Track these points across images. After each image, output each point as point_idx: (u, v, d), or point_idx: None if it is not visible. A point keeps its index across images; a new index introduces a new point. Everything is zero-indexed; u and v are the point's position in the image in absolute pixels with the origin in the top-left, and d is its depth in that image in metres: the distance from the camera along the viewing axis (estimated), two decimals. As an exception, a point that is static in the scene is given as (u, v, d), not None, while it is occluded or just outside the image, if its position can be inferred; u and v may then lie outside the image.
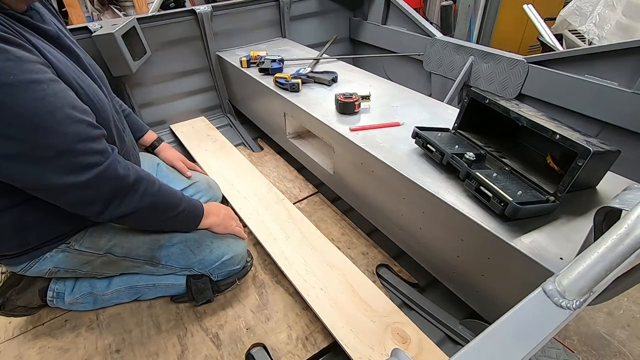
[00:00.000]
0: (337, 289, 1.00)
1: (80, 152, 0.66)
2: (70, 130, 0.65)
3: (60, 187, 0.67)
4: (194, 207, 0.94)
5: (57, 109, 0.63)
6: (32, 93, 0.60)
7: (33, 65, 0.61)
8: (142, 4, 3.54)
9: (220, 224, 1.00)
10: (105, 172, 0.70)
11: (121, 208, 0.75)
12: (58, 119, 0.63)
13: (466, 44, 1.65)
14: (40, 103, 0.61)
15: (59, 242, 0.87)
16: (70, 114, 0.65)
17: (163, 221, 0.88)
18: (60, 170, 0.65)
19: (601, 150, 0.73)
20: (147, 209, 0.80)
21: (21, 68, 0.59)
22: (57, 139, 0.63)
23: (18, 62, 0.59)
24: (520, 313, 0.39)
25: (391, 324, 0.91)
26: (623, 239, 0.40)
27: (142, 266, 0.98)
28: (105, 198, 0.72)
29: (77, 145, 0.66)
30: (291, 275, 1.05)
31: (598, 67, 1.28)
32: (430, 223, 0.94)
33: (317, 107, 1.28)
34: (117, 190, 0.73)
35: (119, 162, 0.74)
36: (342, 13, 2.23)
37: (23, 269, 0.87)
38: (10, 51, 0.58)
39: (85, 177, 0.68)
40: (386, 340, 0.88)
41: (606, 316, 1.22)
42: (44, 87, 0.62)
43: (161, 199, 0.83)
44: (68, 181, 0.66)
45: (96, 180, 0.69)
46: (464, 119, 1.02)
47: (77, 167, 0.67)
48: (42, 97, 0.61)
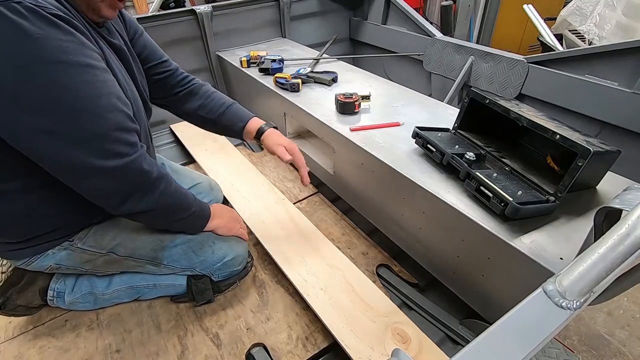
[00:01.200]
0: (337, 289, 1.00)
1: (114, 139, 0.68)
2: (109, 117, 0.67)
3: (86, 170, 0.68)
4: (203, 209, 0.94)
5: (103, 95, 0.66)
6: (85, 75, 0.63)
7: (92, 52, 0.66)
8: (142, 4, 3.55)
9: (224, 226, 1.01)
10: (132, 164, 0.71)
11: (139, 205, 0.76)
12: (102, 104, 0.66)
13: (466, 44, 1.65)
14: (90, 86, 0.64)
15: (63, 239, 0.87)
16: (114, 102, 0.68)
17: (174, 222, 0.90)
18: (90, 153, 0.67)
19: (601, 150, 0.73)
20: (162, 208, 0.82)
21: (81, 51, 0.63)
22: (96, 123, 0.66)
23: (80, 46, 0.63)
24: (521, 313, 0.39)
25: (391, 324, 0.91)
26: (623, 240, 0.40)
27: (144, 266, 0.98)
28: (126, 191, 0.73)
29: (112, 132, 0.68)
30: (291, 275, 1.05)
31: (598, 67, 1.28)
32: (430, 223, 0.94)
33: (317, 107, 1.28)
34: (138, 185, 0.74)
35: (145, 157, 0.75)
36: (342, 13, 2.23)
37: (25, 263, 0.87)
38: (76, 35, 0.63)
39: (113, 164, 0.69)
40: (386, 340, 0.88)
41: (606, 316, 1.22)
42: (97, 73, 0.65)
43: (176, 200, 0.84)
44: (95, 164, 0.67)
45: (122, 170, 0.70)
46: (464, 119, 1.02)
47: (107, 153, 0.68)
48: (93, 81, 0.64)
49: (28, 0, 0.57)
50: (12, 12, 0.55)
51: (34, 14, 0.57)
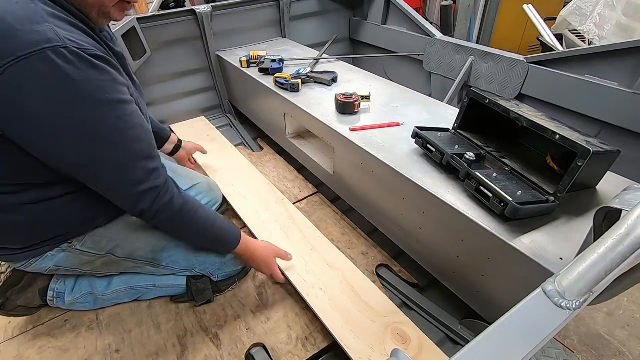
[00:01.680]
0: (337, 289, 1.00)
1: (140, 167, 0.74)
2: (135, 147, 0.73)
3: (119, 194, 0.76)
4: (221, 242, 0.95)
5: (131, 127, 0.71)
6: (117, 111, 0.68)
7: (122, 87, 0.71)
8: (142, 4, 3.55)
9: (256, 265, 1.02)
10: (154, 192, 0.76)
11: (160, 218, 0.81)
12: (129, 136, 0.71)
13: (466, 44, 1.65)
14: (121, 121, 0.69)
15: (62, 242, 0.87)
16: (139, 133, 0.74)
17: (194, 242, 0.97)
18: (120, 181, 0.73)
19: (601, 150, 0.73)
20: (179, 232, 0.90)
21: (115, 88, 0.68)
22: (123, 154, 0.71)
23: (114, 83, 0.68)
24: (520, 313, 0.39)
25: (391, 324, 0.91)
26: (623, 240, 0.40)
27: (144, 267, 0.98)
28: (149, 210, 0.77)
29: (138, 161, 0.73)
30: (291, 275, 1.05)
31: (598, 67, 1.28)
32: (430, 223, 0.94)
33: (317, 107, 1.28)
34: (162, 207, 0.78)
35: (169, 186, 0.80)
36: (342, 13, 2.23)
37: (24, 265, 0.87)
38: (111, 73, 0.68)
39: (141, 188, 0.74)
40: (386, 340, 0.88)
41: (606, 316, 1.22)
42: (126, 107, 0.71)
43: (195, 226, 0.87)
44: (125, 190, 0.74)
45: (146, 195, 0.75)
46: (464, 119, 1.02)
47: (135, 179, 0.73)
48: (123, 116, 0.70)
49: (72, 45, 0.61)
50: (58, 56, 0.59)
51: (78, 58, 0.61)
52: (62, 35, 0.60)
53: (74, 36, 0.63)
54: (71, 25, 0.65)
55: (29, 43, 0.58)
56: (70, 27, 0.65)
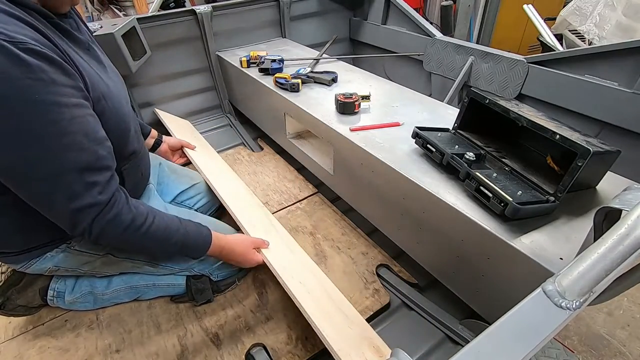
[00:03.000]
0: (316, 290, 0.96)
1: (76, 179, 0.66)
2: (71, 156, 0.65)
3: (51, 207, 0.68)
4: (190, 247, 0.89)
5: (67, 133, 0.64)
6: (49, 115, 0.61)
7: (62, 88, 0.63)
8: (142, 4, 3.55)
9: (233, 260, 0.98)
10: (94, 209, 0.69)
11: (110, 242, 0.76)
12: (63, 143, 0.64)
13: (466, 44, 1.65)
14: (53, 126, 0.62)
15: (61, 242, 0.87)
16: (78, 140, 0.66)
17: (157, 254, 0.95)
18: (53, 191, 0.66)
19: (601, 150, 0.73)
20: (136, 248, 0.85)
21: (48, 89, 0.60)
22: (56, 162, 0.64)
23: (48, 83, 0.60)
24: (520, 313, 0.39)
25: (367, 337, 0.86)
26: (623, 240, 0.40)
27: (142, 266, 0.98)
28: (89, 230, 0.71)
29: (73, 172, 0.66)
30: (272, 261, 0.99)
31: (598, 67, 1.28)
32: (430, 223, 0.94)
33: (317, 107, 1.28)
34: (106, 228, 0.72)
35: (117, 200, 0.73)
36: (342, 13, 2.23)
37: (23, 266, 0.87)
38: (47, 72, 0.60)
39: (76, 205, 0.67)
40: (363, 348, 0.83)
41: (606, 316, 1.22)
42: (63, 111, 0.63)
43: (153, 242, 0.81)
44: (58, 203, 0.67)
45: (84, 212, 0.68)
46: (464, 119, 1.02)
47: (71, 193, 0.66)
48: (57, 120, 0.62)
49: (1, 37, 0.55)
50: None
51: (3, 52, 0.55)
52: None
53: (8, 27, 0.58)
54: (9, 16, 0.60)
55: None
56: (7, 17, 0.60)
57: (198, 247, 0.89)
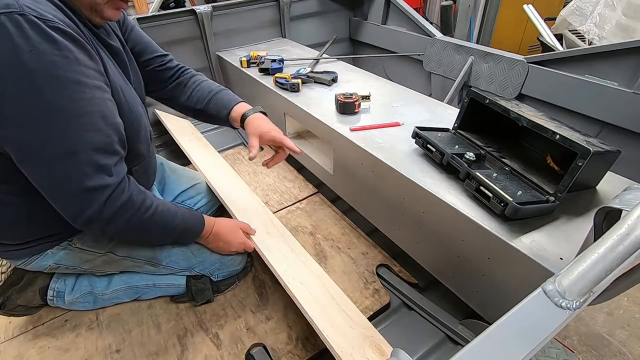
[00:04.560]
0: (317, 291, 0.95)
1: (89, 160, 0.66)
2: (87, 136, 0.66)
3: (58, 186, 0.67)
4: (188, 233, 0.93)
5: (85, 113, 0.65)
6: (71, 92, 0.62)
7: (85, 69, 0.64)
8: (142, 4, 3.55)
9: (222, 247, 1.00)
10: (106, 189, 0.69)
11: (108, 229, 0.74)
12: (80, 122, 0.65)
13: (466, 44, 1.65)
14: (73, 103, 0.63)
15: (62, 239, 0.87)
16: (96, 121, 0.67)
17: (160, 240, 0.93)
18: (64, 170, 0.66)
19: (601, 150, 0.73)
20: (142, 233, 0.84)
21: (72, 67, 0.62)
22: (71, 140, 0.64)
23: (73, 62, 0.62)
24: (520, 313, 0.39)
25: (369, 336, 0.86)
26: (623, 240, 0.40)
27: (143, 266, 0.98)
28: (99, 215, 0.70)
29: (87, 152, 0.66)
30: (273, 264, 1.00)
31: (598, 67, 1.28)
32: (430, 223, 0.94)
33: (317, 107, 1.28)
34: (117, 209, 0.72)
35: (124, 186, 0.73)
36: (342, 13, 2.23)
37: (24, 263, 0.87)
38: (72, 50, 0.62)
39: (88, 184, 0.67)
40: (365, 348, 0.83)
41: (606, 316, 1.22)
42: (84, 90, 0.64)
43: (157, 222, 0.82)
44: (68, 182, 0.66)
45: (93, 195, 0.68)
46: (464, 119, 1.02)
47: (81, 173, 0.66)
48: (78, 98, 0.63)
49: (31, 13, 0.57)
50: (12, 23, 0.56)
51: (33, 27, 0.57)
52: (21, 2, 0.57)
53: (39, 6, 0.59)
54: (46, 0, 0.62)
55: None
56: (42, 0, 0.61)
57: (195, 229, 0.92)
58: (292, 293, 0.91)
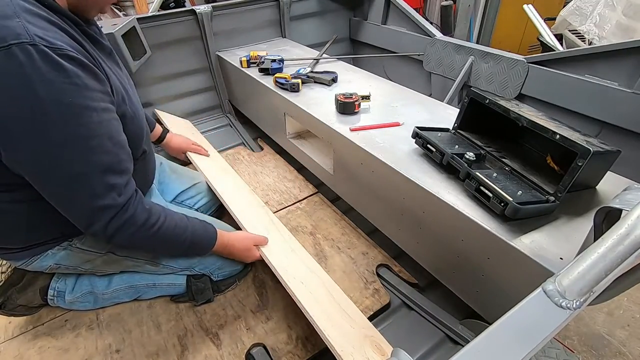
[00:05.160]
0: (317, 291, 0.96)
1: (99, 181, 0.69)
2: (96, 158, 0.68)
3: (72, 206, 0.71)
4: (200, 245, 0.94)
5: (94, 136, 0.67)
6: (80, 117, 0.65)
7: (93, 93, 0.67)
8: (142, 4, 3.55)
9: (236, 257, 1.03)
10: (111, 210, 0.72)
11: (122, 242, 0.77)
12: (90, 145, 0.67)
13: (466, 44, 1.65)
14: (82, 128, 0.65)
15: (63, 240, 0.87)
16: (104, 144, 0.69)
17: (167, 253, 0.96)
18: (76, 192, 0.69)
19: (601, 150, 0.73)
20: (147, 248, 0.88)
21: (81, 93, 0.64)
22: (82, 163, 0.67)
23: (82, 88, 0.64)
24: (521, 313, 0.39)
25: (369, 336, 0.86)
26: (623, 239, 0.40)
27: (143, 265, 0.98)
28: (104, 230, 0.73)
29: (97, 174, 0.69)
30: (273, 262, 1.00)
31: (598, 67, 1.28)
32: (430, 223, 0.94)
33: (317, 107, 1.28)
34: (120, 227, 0.74)
35: (133, 202, 0.76)
36: (342, 13, 2.23)
37: (24, 263, 0.87)
38: (80, 76, 0.64)
39: (99, 204, 0.70)
40: (366, 347, 0.83)
41: (606, 316, 1.22)
42: (92, 115, 0.66)
43: (166, 241, 0.85)
44: (81, 203, 0.70)
45: (102, 213, 0.71)
46: (464, 119, 1.02)
47: (92, 193, 0.69)
48: (87, 123, 0.66)
49: (42, 42, 0.58)
50: (23, 54, 0.57)
51: (44, 57, 0.59)
52: (32, 32, 0.58)
53: (48, 34, 0.61)
54: (48, 22, 0.63)
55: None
56: (47, 24, 0.63)
57: (204, 245, 0.93)
58: (293, 292, 0.91)
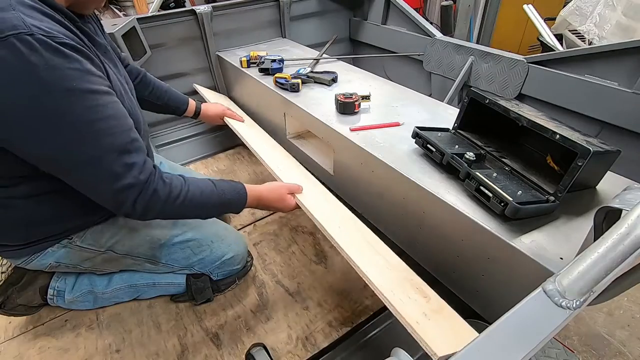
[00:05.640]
0: (353, 234, 0.96)
1: (113, 161, 0.70)
2: (107, 140, 0.69)
3: (97, 189, 0.72)
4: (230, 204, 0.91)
5: (103, 118, 0.68)
6: (86, 101, 0.65)
7: (94, 77, 0.68)
8: (142, 4, 3.55)
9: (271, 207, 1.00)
10: (135, 189, 0.73)
11: (154, 215, 0.78)
12: (101, 127, 0.68)
13: (466, 44, 1.65)
14: (90, 111, 0.66)
15: (62, 238, 0.87)
16: (112, 125, 0.70)
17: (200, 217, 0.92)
18: (95, 175, 0.70)
19: (601, 150, 0.73)
20: (178, 216, 0.87)
21: (85, 78, 0.65)
22: (94, 146, 0.68)
23: (84, 72, 0.65)
24: (521, 313, 0.39)
25: (409, 279, 0.85)
26: (623, 239, 0.40)
27: (143, 264, 0.98)
28: (133, 209, 0.74)
29: (111, 154, 0.69)
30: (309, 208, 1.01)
31: (598, 67, 1.28)
32: (430, 223, 0.94)
33: (317, 107, 1.28)
34: (149, 203, 0.75)
35: (154, 177, 0.76)
36: (342, 13, 2.23)
37: (24, 261, 0.87)
38: (81, 61, 0.65)
39: (119, 185, 0.70)
40: (407, 288, 0.82)
41: (606, 316, 1.22)
42: (97, 97, 0.67)
43: (194, 208, 0.84)
44: (102, 185, 0.70)
45: (128, 190, 0.72)
46: (464, 119, 1.02)
47: (111, 174, 0.70)
48: (93, 106, 0.66)
49: (39, 32, 0.59)
50: (23, 44, 0.58)
51: (44, 46, 0.60)
52: (28, 23, 0.59)
53: (43, 24, 0.62)
54: (43, 14, 0.64)
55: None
56: (41, 15, 0.64)
57: (235, 203, 0.91)
58: (330, 235, 0.92)
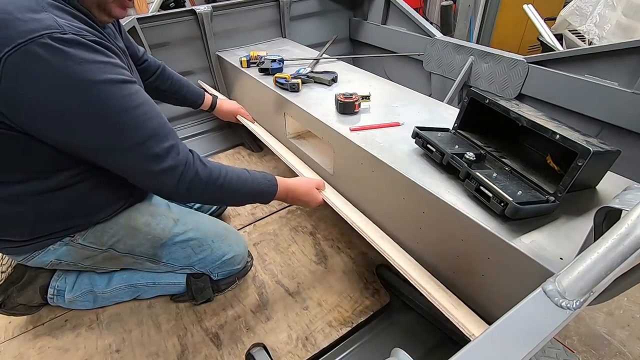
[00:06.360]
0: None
1: (152, 145, 0.73)
2: (145, 125, 0.72)
3: (142, 174, 0.75)
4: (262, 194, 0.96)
5: (136, 105, 0.72)
6: (121, 90, 0.69)
7: (122, 69, 0.72)
8: (142, 4, 3.55)
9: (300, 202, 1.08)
10: (176, 170, 0.76)
11: (193, 196, 0.82)
12: (136, 114, 0.71)
13: (466, 44, 1.65)
14: (125, 99, 0.70)
15: (65, 235, 0.87)
16: (146, 110, 0.74)
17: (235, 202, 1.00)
18: (136, 160, 0.73)
19: (601, 150, 0.73)
20: (215, 200, 0.94)
21: (116, 70, 0.70)
22: (135, 132, 0.71)
23: (113, 65, 0.70)
24: (520, 313, 0.39)
25: None
26: (623, 239, 0.40)
27: (144, 263, 0.98)
28: (176, 190, 0.78)
29: (150, 139, 0.73)
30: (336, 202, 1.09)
31: (598, 67, 1.28)
32: (430, 223, 0.94)
33: (317, 107, 1.28)
34: (189, 184, 0.79)
35: (191, 161, 0.79)
36: (342, 13, 2.23)
37: (25, 258, 0.88)
38: (109, 55, 0.70)
39: (159, 167, 0.74)
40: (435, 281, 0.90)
41: (606, 316, 1.22)
42: (130, 86, 0.72)
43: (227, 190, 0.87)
44: (144, 169, 0.74)
45: (168, 174, 0.75)
46: (464, 119, 1.02)
47: (151, 158, 0.73)
48: (127, 94, 0.70)
49: (71, 31, 0.64)
50: (57, 42, 0.61)
51: (77, 42, 0.64)
52: (61, 23, 0.62)
53: (73, 24, 0.65)
54: (71, 16, 0.67)
55: (28, 30, 0.59)
56: (71, 17, 0.67)
57: (267, 192, 0.96)
58: (359, 227, 0.99)
